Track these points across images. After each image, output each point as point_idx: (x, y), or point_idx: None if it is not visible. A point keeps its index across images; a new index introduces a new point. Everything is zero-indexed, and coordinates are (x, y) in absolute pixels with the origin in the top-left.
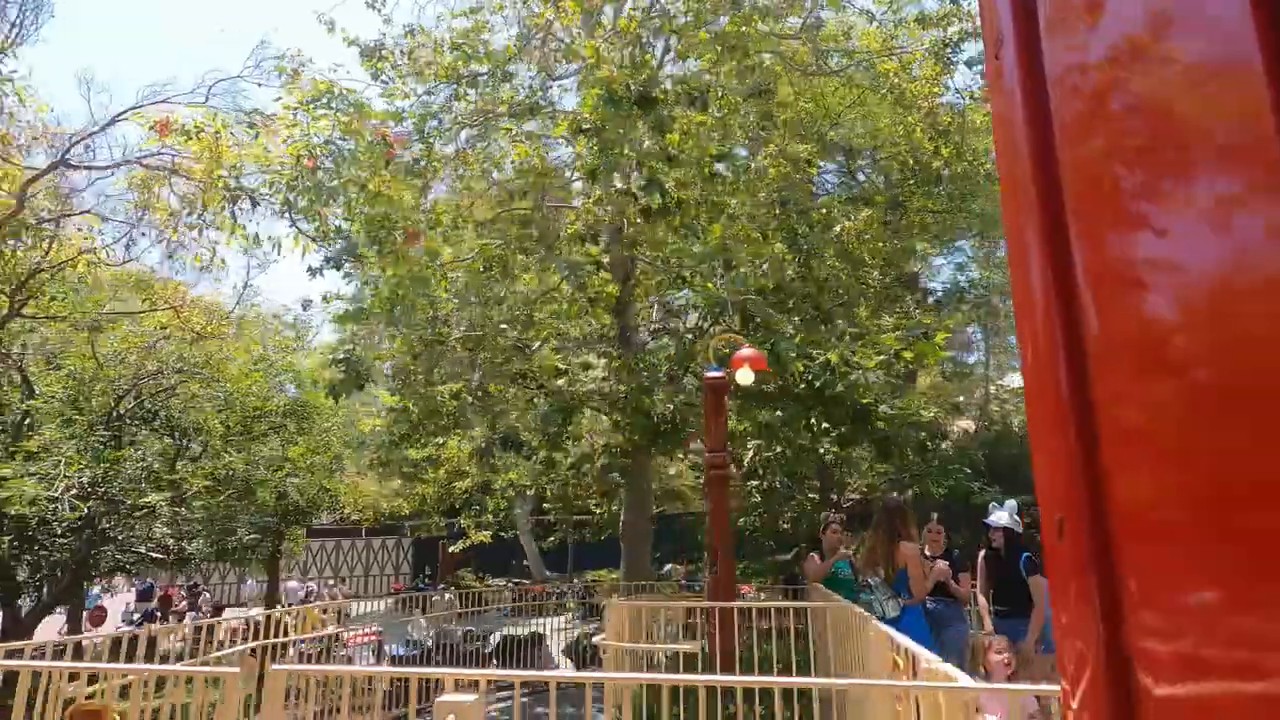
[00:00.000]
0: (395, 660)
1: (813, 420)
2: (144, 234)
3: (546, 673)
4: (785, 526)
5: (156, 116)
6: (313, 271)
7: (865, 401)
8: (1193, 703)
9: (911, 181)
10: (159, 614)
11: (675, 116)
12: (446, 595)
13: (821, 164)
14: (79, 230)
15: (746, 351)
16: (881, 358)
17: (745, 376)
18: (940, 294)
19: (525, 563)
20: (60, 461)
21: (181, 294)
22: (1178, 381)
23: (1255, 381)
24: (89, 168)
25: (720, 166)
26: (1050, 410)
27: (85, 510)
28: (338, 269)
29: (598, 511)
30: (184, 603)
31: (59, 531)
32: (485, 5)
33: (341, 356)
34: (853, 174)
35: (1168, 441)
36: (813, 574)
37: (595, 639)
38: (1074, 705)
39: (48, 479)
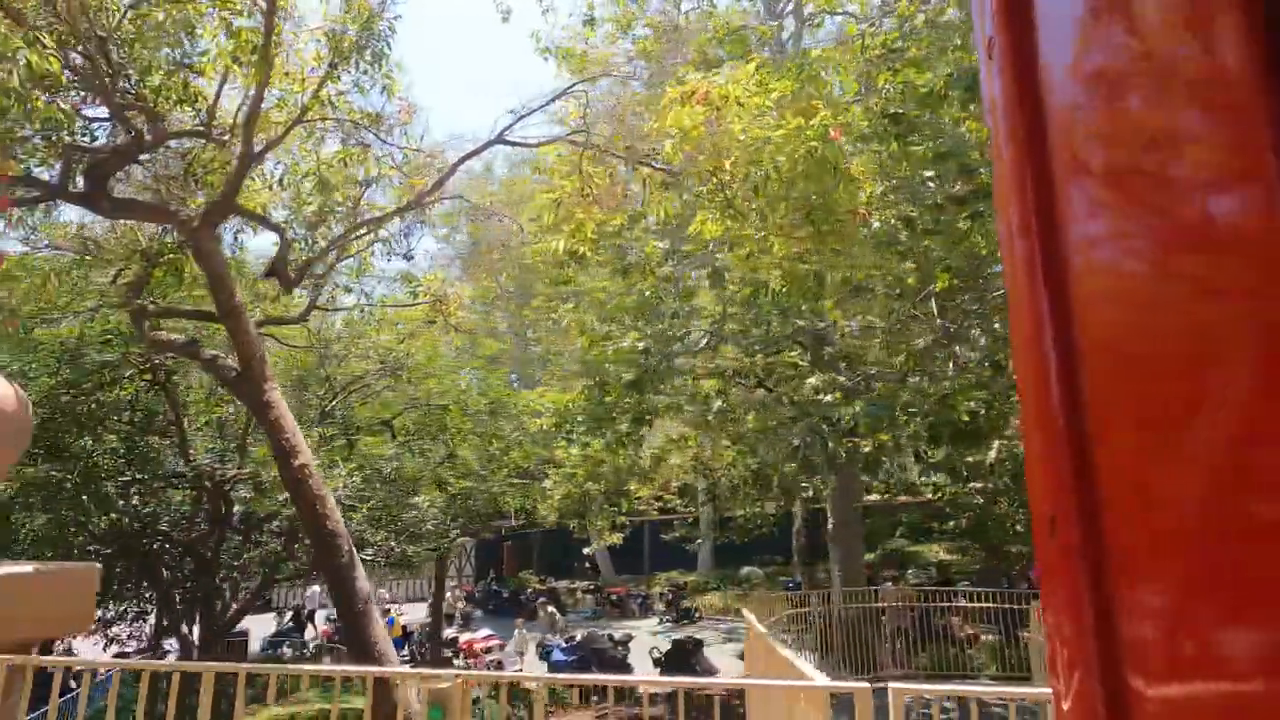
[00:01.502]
0: (554, 666)
1: None
2: (419, 225)
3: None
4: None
5: (690, 85)
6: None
7: None
8: (1187, 703)
9: None
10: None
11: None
12: (549, 609)
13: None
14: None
15: None
16: None
17: None
18: None
19: (586, 564)
20: (337, 460)
21: (444, 286)
22: (1169, 380)
23: (1245, 382)
24: (523, 144)
25: None
26: (1042, 407)
27: (365, 511)
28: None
29: (741, 512)
30: None
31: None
32: None
33: (641, 348)
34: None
35: (1158, 440)
36: None
37: None
38: (1065, 706)
39: (329, 479)
